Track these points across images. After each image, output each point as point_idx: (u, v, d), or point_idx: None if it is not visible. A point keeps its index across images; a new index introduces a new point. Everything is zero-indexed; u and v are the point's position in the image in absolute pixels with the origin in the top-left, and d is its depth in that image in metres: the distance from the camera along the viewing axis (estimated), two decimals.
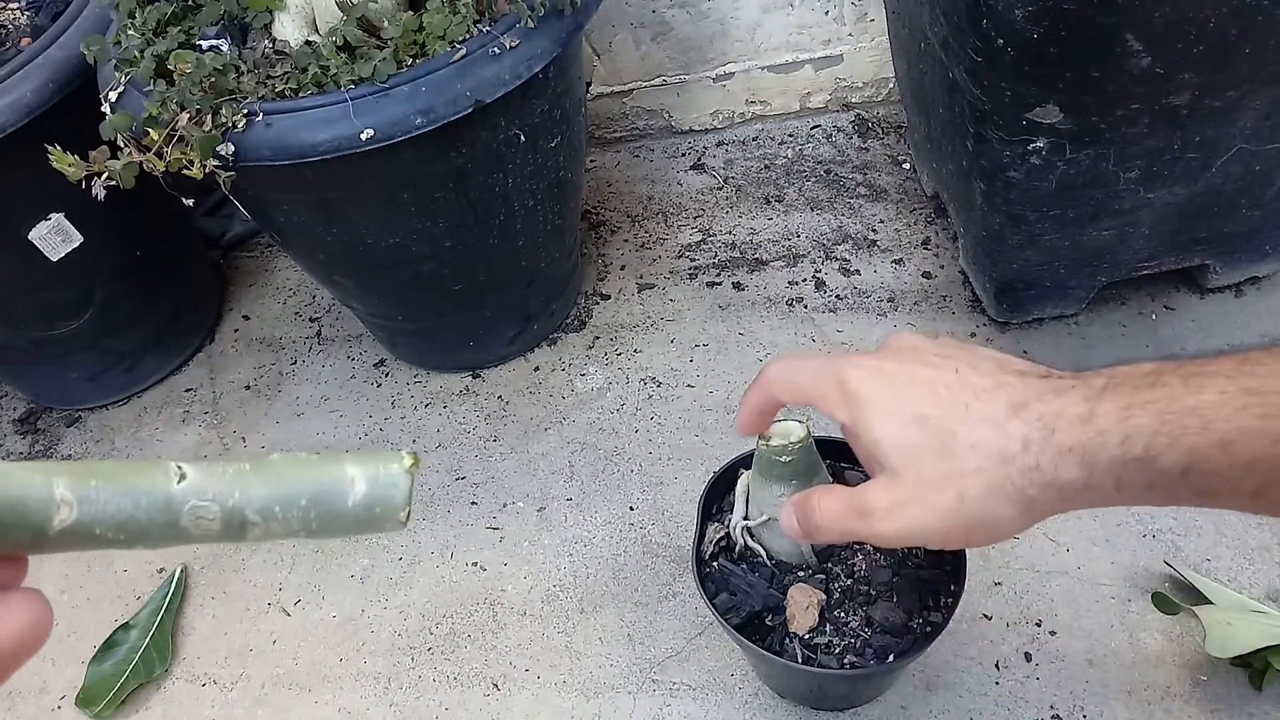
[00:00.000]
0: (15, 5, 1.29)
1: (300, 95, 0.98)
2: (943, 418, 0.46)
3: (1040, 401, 0.44)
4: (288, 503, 0.24)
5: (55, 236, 1.21)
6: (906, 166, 1.50)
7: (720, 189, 1.53)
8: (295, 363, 1.44)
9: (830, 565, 0.89)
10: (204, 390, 1.44)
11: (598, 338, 1.36)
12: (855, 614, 0.86)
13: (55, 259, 1.23)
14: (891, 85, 1.56)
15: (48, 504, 0.22)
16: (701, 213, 1.50)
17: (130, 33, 1.04)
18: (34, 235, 1.19)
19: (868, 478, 0.97)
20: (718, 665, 1.01)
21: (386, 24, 1.01)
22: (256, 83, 0.99)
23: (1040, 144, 0.99)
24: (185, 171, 0.96)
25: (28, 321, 1.31)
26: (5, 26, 1.27)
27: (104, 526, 0.22)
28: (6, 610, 0.22)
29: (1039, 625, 0.99)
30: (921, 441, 0.46)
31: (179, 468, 0.23)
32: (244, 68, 1.00)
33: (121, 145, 0.97)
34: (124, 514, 0.22)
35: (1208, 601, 0.95)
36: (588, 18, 1.07)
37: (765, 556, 0.89)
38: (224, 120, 0.95)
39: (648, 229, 1.49)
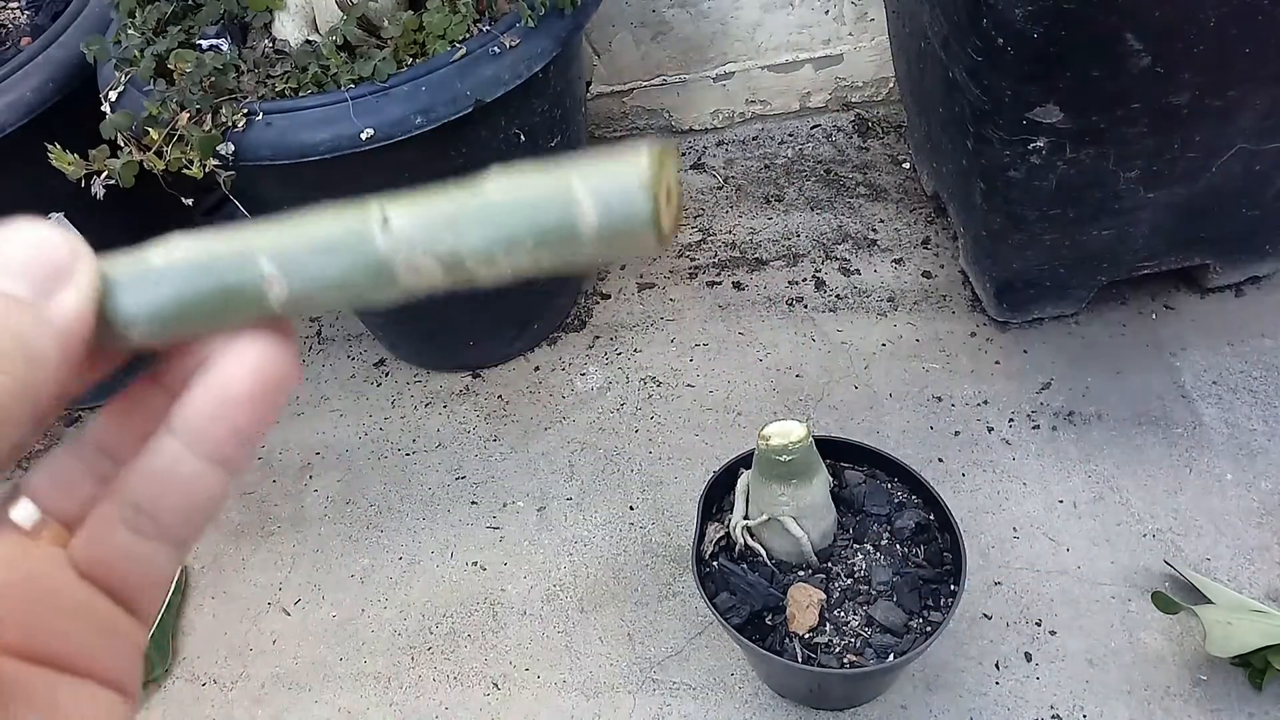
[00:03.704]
0: (15, 5, 1.29)
1: (300, 95, 0.98)
2: None
3: None
4: (510, 243, 0.20)
5: None
6: (906, 166, 1.50)
7: (720, 189, 1.53)
8: None
9: (830, 565, 0.89)
10: None
11: (598, 337, 1.36)
12: (855, 613, 0.86)
13: None
14: (891, 85, 1.56)
15: (258, 283, 0.21)
16: (701, 212, 1.50)
17: (130, 32, 1.04)
18: None
19: (869, 477, 0.98)
20: (718, 665, 1.01)
21: (386, 23, 1.01)
22: (256, 82, 0.99)
23: (1040, 144, 0.99)
24: (185, 171, 0.96)
25: None
26: (5, 26, 1.27)
27: (321, 292, 0.21)
28: (240, 350, 0.21)
29: (1039, 625, 0.99)
30: None
31: (383, 212, 0.20)
32: (244, 67, 1.00)
33: (121, 144, 0.97)
34: (335, 277, 0.21)
35: (1208, 601, 0.95)
36: (587, 17, 1.07)
37: (765, 556, 0.89)
38: (224, 120, 0.95)
39: None
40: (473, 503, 1.21)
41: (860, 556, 0.89)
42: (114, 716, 0.21)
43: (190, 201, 1.06)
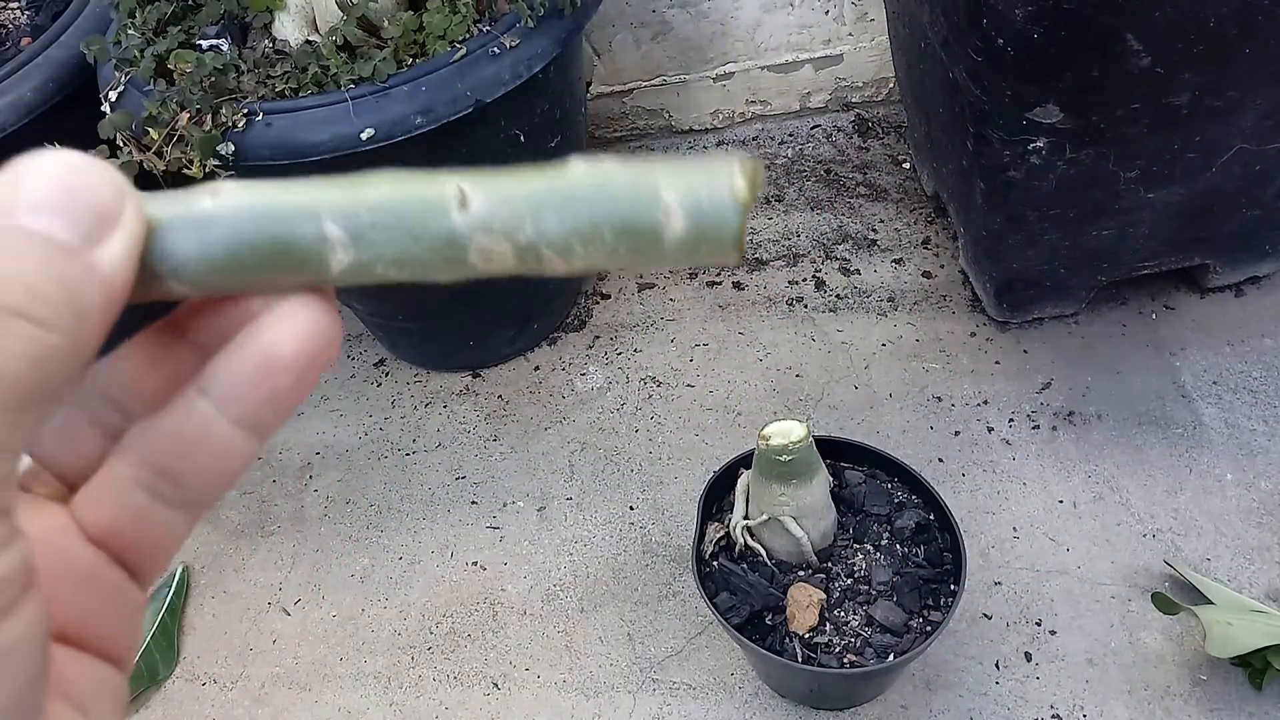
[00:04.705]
0: (15, 5, 1.29)
1: (300, 95, 0.98)
2: None
3: None
4: (589, 236, 0.19)
5: None
6: (906, 166, 1.50)
7: None
8: None
9: (830, 565, 0.89)
10: None
11: (598, 337, 1.36)
12: (855, 613, 0.86)
13: None
14: (892, 85, 1.56)
15: (320, 244, 0.19)
16: None
17: (130, 32, 1.04)
18: None
19: (869, 477, 0.98)
20: (718, 665, 1.01)
21: (386, 24, 1.01)
22: (256, 82, 0.99)
23: (1040, 144, 0.99)
24: (185, 171, 0.96)
25: None
26: (5, 26, 1.27)
27: (384, 265, 0.19)
28: (289, 312, 0.20)
29: (1039, 625, 0.99)
30: None
31: (461, 191, 0.19)
32: (244, 67, 1.00)
33: (121, 144, 0.97)
34: (403, 252, 0.19)
35: (1208, 601, 0.95)
36: (587, 18, 1.07)
37: (765, 556, 0.89)
38: (224, 120, 0.95)
39: None
40: (473, 503, 1.21)
41: (860, 556, 0.89)
42: (109, 688, 0.20)
43: None
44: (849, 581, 0.88)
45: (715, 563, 0.90)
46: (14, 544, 0.17)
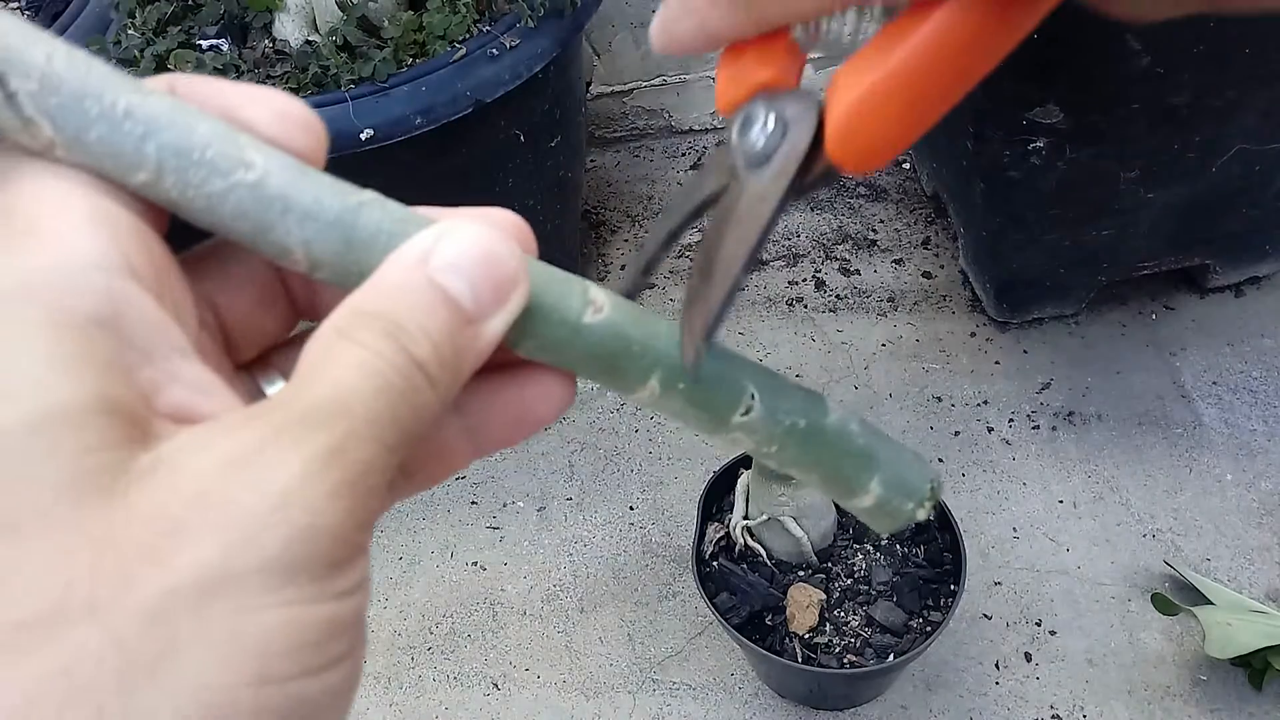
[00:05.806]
0: (15, 5, 1.29)
1: (300, 95, 0.98)
2: None
3: None
4: (805, 467, 0.25)
5: None
6: (906, 166, 1.49)
7: None
8: None
9: (830, 565, 0.89)
10: None
11: None
12: (855, 613, 0.86)
13: None
14: None
15: (640, 382, 0.23)
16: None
17: (130, 32, 1.04)
18: None
19: None
20: (718, 665, 1.01)
21: (386, 24, 1.01)
22: (256, 82, 0.99)
23: (1040, 144, 0.99)
24: None
25: None
26: None
27: (667, 412, 0.24)
28: (554, 384, 0.24)
29: (1039, 625, 0.99)
30: None
31: (752, 397, 0.24)
32: (244, 67, 1.00)
33: None
34: (689, 413, 0.24)
35: (1208, 601, 0.95)
36: (587, 18, 1.07)
37: (765, 556, 0.89)
38: None
39: (648, 229, 1.49)
40: (473, 503, 1.21)
41: (860, 556, 0.89)
42: None
43: None
44: (849, 582, 0.88)
45: (715, 563, 0.90)
46: (362, 590, 0.17)
